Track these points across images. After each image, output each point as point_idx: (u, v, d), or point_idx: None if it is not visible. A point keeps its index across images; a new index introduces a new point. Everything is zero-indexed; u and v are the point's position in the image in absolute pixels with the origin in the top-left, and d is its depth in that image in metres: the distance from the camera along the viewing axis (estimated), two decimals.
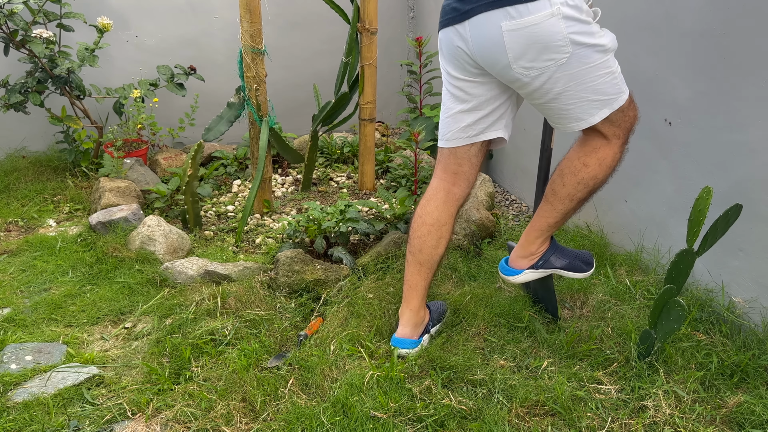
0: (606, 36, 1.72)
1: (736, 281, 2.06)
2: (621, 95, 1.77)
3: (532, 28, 1.63)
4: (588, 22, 1.66)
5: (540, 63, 1.67)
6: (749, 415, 1.69)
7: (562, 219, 1.93)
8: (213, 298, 2.29)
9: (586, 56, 1.67)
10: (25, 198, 3.32)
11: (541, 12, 1.61)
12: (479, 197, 3.08)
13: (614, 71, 1.74)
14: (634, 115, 1.83)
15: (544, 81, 1.70)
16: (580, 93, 1.72)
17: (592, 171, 1.84)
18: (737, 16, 1.92)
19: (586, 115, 1.77)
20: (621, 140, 1.83)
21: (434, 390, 1.81)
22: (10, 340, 2.12)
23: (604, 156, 1.83)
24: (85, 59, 3.29)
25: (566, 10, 1.62)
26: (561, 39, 1.63)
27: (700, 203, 1.63)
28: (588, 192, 1.88)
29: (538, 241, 1.99)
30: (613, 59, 1.74)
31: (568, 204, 1.89)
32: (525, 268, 2.02)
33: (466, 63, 1.80)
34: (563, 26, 1.62)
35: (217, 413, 1.75)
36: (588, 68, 1.69)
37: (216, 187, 3.55)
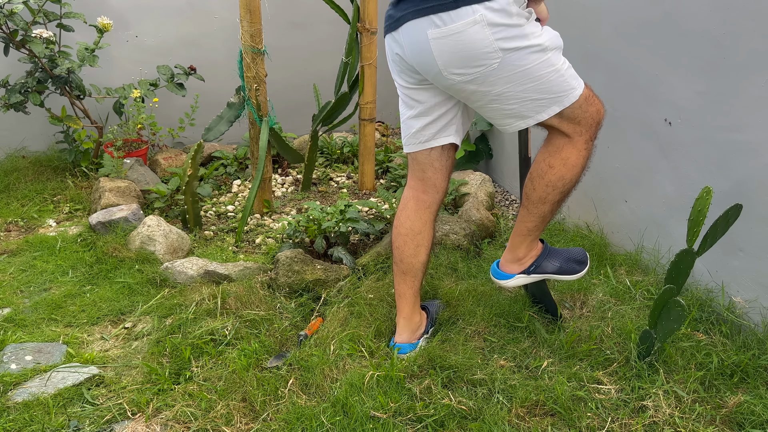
0: (544, 35, 1.67)
1: (736, 281, 2.06)
2: (571, 92, 1.72)
3: (456, 36, 1.59)
4: (518, 25, 1.61)
5: (470, 69, 1.64)
6: (749, 415, 1.69)
7: (540, 222, 1.90)
8: (213, 298, 2.29)
9: (519, 59, 1.63)
10: (25, 198, 3.32)
11: (464, 20, 1.57)
12: (479, 197, 3.08)
13: (558, 69, 1.69)
14: (596, 110, 1.78)
15: (478, 85, 1.67)
16: (521, 93, 1.68)
17: (558, 172, 1.81)
18: (737, 16, 1.92)
19: (532, 113, 1.73)
20: (584, 137, 1.79)
21: (434, 390, 1.81)
22: (10, 340, 2.12)
23: (568, 155, 1.79)
24: (85, 59, 3.29)
25: (491, 16, 1.57)
26: (488, 45, 1.59)
27: (700, 203, 1.63)
28: (559, 193, 1.84)
29: (523, 245, 1.96)
30: (556, 56, 1.69)
31: (542, 207, 1.86)
32: (516, 273, 2.00)
33: (407, 69, 1.78)
34: (488, 33, 1.58)
35: (217, 413, 1.75)
36: (525, 70, 1.64)
37: (216, 187, 3.55)
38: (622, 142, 2.49)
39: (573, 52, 2.69)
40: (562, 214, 2.95)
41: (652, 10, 2.25)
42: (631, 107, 2.42)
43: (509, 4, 1.59)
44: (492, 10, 1.57)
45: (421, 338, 2.05)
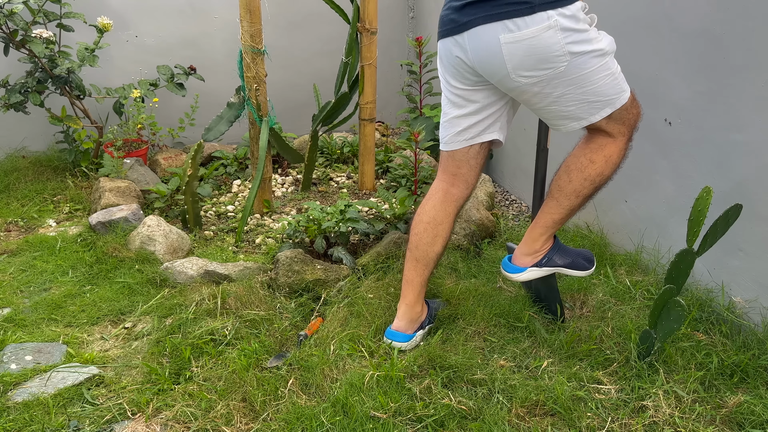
0: (603, 40, 1.74)
1: (736, 281, 2.06)
2: (622, 94, 1.79)
3: (530, 40, 1.66)
4: (585, 30, 1.69)
5: (538, 72, 1.70)
6: (749, 415, 1.69)
7: (567, 215, 1.95)
8: (213, 298, 2.29)
9: (584, 62, 1.70)
10: (25, 198, 3.32)
11: (539, 25, 1.64)
12: (479, 197, 3.08)
13: (614, 72, 1.76)
14: (637, 113, 1.85)
15: (542, 87, 1.73)
16: (580, 96, 1.75)
17: (599, 167, 1.87)
18: (737, 16, 1.92)
19: (586, 115, 1.80)
20: (626, 137, 1.86)
21: (434, 390, 1.81)
22: (10, 340, 2.12)
23: (611, 153, 1.86)
24: (85, 59, 3.29)
25: (563, 22, 1.64)
26: (559, 49, 1.66)
27: (700, 203, 1.63)
28: (594, 188, 1.91)
29: (542, 238, 2.00)
30: (612, 61, 1.76)
31: (574, 200, 1.91)
32: (528, 266, 2.03)
33: (466, 72, 1.83)
34: (561, 37, 1.65)
35: (217, 413, 1.75)
36: (586, 73, 1.71)
37: (216, 187, 3.55)
38: None
39: None
40: None
41: (652, 10, 2.25)
42: None
43: (578, 10, 1.68)
44: (564, 16, 1.64)
45: (417, 331, 2.05)
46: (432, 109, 3.62)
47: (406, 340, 2.02)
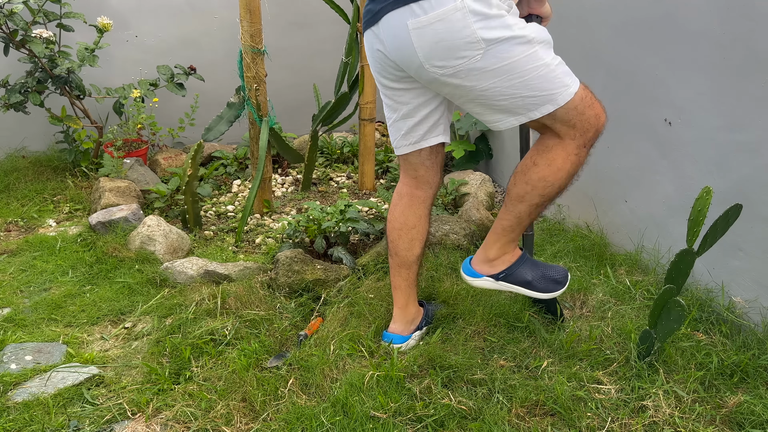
0: (527, 27, 1.59)
1: (736, 281, 2.06)
2: (565, 90, 1.63)
3: (437, 24, 1.53)
4: (500, 15, 1.55)
5: (453, 61, 1.57)
6: (749, 415, 1.69)
7: (515, 223, 1.81)
8: (213, 298, 2.29)
9: (505, 50, 1.56)
10: (25, 198, 3.32)
11: (445, 7, 1.52)
12: (479, 197, 3.08)
13: (548, 64, 1.61)
14: (595, 115, 1.68)
15: (461, 80, 1.60)
16: (509, 90, 1.61)
17: (540, 171, 1.72)
18: (737, 16, 1.92)
19: (522, 111, 1.65)
20: (577, 141, 1.69)
21: (434, 390, 1.81)
22: (10, 340, 2.12)
23: (555, 156, 1.70)
24: (85, 59, 3.29)
25: (472, 5, 1.52)
26: (470, 35, 1.53)
27: (700, 203, 1.63)
28: (539, 196, 1.75)
29: (496, 246, 1.87)
30: (545, 51, 1.61)
31: (519, 206, 1.78)
32: (484, 274, 1.92)
33: (389, 67, 1.73)
34: (471, 21, 1.52)
35: (217, 413, 1.75)
36: (511, 63, 1.57)
37: (216, 187, 3.55)
38: (622, 142, 2.49)
39: (573, 52, 2.70)
40: (562, 214, 2.95)
41: (652, 10, 2.25)
42: (631, 107, 2.42)
43: None
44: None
45: (414, 332, 2.05)
46: None
47: (403, 342, 2.03)
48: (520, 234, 1.87)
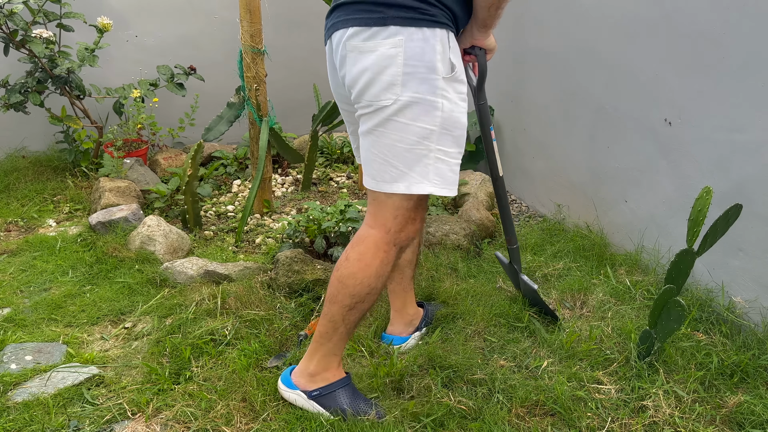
0: (453, 108, 1.50)
1: (736, 281, 2.06)
2: (421, 185, 1.52)
3: (368, 54, 1.47)
4: (433, 76, 1.46)
5: (368, 95, 1.50)
6: (749, 415, 1.69)
7: (330, 328, 1.65)
8: (213, 298, 2.29)
9: (414, 109, 1.47)
10: (25, 198, 3.32)
11: (384, 40, 1.45)
12: (479, 197, 3.08)
13: (431, 150, 1.49)
14: (414, 230, 1.60)
15: (366, 112, 1.53)
16: (382, 148, 1.52)
17: (351, 267, 1.59)
18: (737, 16, 1.92)
19: (380, 174, 1.54)
20: (389, 237, 1.58)
21: (434, 389, 1.81)
22: (10, 340, 2.12)
23: (366, 250, 1.59)
24: (85, 59, 3.29)
25: (410, 47, 1.44)
26: (392, 78, 1.45)
27: (700, 203, 1.63)
28: (349, 296, 1.60)
29: (316, 357, 1.70)
30: (441, 138, 1.50)
31: (331, 307, 1.63)
32: (299, 387, 1.73)
33: (338, 83, 1.67)
34: (401, 61, 1.44)
35: (217, 413, 1.75)
36: (405, 124, 1.48)
37: (216, 187, 3.55)
38: (622, 142, 2.49)
39: (573, 52, 2.70)
40: (562, 214, 2.95)
41: (652, 10, 2.25)
42: (631, 107, 2.42)
43: (444, 44, 1.47)
44: (413, 39, 1.44)
45: (413, 333, 2.06)
46: None
47: (401, 342, 2.03)
48: (341, 344, 1.68)
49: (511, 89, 3.26)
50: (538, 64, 2.97)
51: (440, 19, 1.47)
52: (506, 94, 3.31)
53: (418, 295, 2.31)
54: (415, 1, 1.45)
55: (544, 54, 2.91)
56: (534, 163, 3.15)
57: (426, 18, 1.45)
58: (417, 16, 1.45)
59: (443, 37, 1.48)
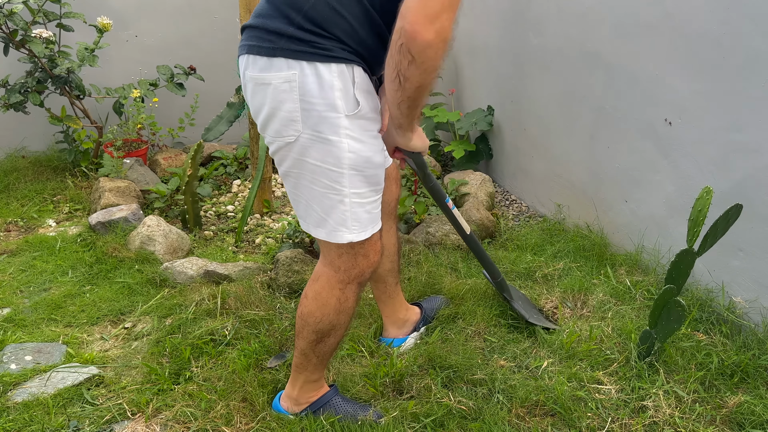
0: (360, 146, 1.40)
1: (737, 281, 2.06)
2: (339, 233, 1.46)
3: (265, 87, 1.39)
4: (332, 108, 1.36)
5: (270, 130, 1.43)
6: (749, 415, 1.69)
7: (302, 359, 1.64)
8: (213, 298, 2.29)
9: (319, 149, 1.39)
10: (24, 198, 3.32)
11: (279, 73, 1.36)
12: (479, 197, 3.08)
13: (345, 194, 1.43)
14: (368, 264, 1.54)
15: (274, 149, 1.47)
16: (302, 190, 1.47)
17: (309, 305, 1.57)
18: (737, 16, 1.92)
19: (306, 218, 1.51)
20: (340, 276, 1.54)
21: (434, 389, 1.81)
22: (10, 340, 2.12)
23: (321, 289, 1.56)
24: (84, 59, 3.29)
25: (305, 82, 1.34)
26: (291, 113, 1.37)
27: (701, 203, 1.63)
28: (312, 332, 1.58)
29: (297, 385, 1.70)
30: (354, 179, 1.42)
31: (299, 341, 1.63)
32: (288, 412, 1.73)
33: None
34: (296, 98, 1.35)
35: (217, 413, 1.75)
36: (314, 166, 1.41)
37: (216, 187, 3.55)
38: (622, 142, 2.49)
39: (573, 52, 2.70)
40: (562, 214, 2.95)
41: (652, 10, 2.25)
42: (631, 107, 2.42)
43: (343, 78, 1.36)
44: (318, 75, 1.34)
45: (411, 333, 2.06)
46: (432, 108, 3.62)
47: (398, 344, 2.03)
48: (318, 371, 1.68)
49: (511, 89, 3.26)
50: (538, 64, 2.97)
51: (336, 54, 1.35)
52: (506, 94, 3.31)
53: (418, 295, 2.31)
54: (306, 33, 1.34)
55: (544, 54, 2.91)
56: (534, 163, 3.15)
57: (318, 52, 1.34)
58: (308, 49, 1.34)
59: (343, 72, 1.36)
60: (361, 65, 1.39)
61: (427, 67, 1.26)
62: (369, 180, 1.46)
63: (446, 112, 3.53)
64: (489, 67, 3.48)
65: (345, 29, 1.35)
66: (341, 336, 1.62)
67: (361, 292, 1.59)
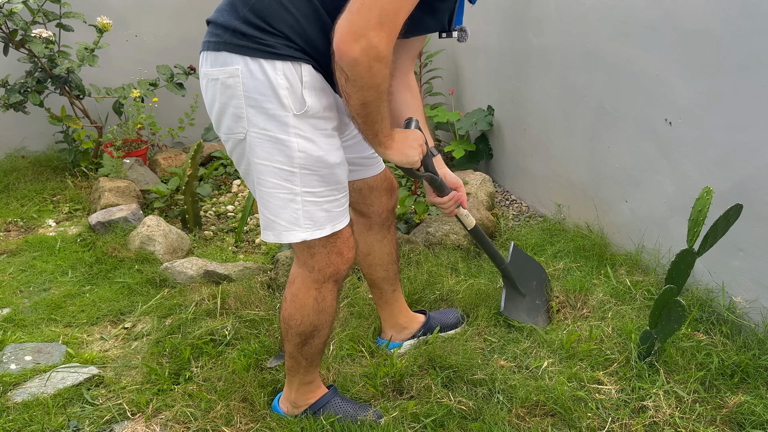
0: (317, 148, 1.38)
1: (737, 281, 2.06)
2: (290, 232, 1.43)
3: (214, 83, 1.38)
4: (281, 112, 1.34)
5: (223, 126, 1.43)
6: (749, 415, 1.69)
7: (293, 363, 1.64)
8: (213, 298, 2.29)
9: (262, 148, 1.37)
10: (24, 198, 3.32)
11: (226, 67, 1.35)
12: (479, 197, 3.08)
13: (296, 193, 1.40)
14: (340, 262, 1.52)
15: (230, 148, 1.45)
16: (261, 189, 1.43)
17: (288, 308, 1.56)
18: (737, 16, 1.92)
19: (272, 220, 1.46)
20: (314, 276, 1.52)
21: (434, 389, 1.81)
22: (10, 340, 2.12)
23: (297, 290, 1.54)
24: (84, 59, 3.29)
25: (248, 78, 1.33)
26: (237, 109, 1.36)
27: (701, 203, 1.63)
28: (296, 335, 1.57)
29: (293, 388, 1.70)
30: (306, 179, 1.40)
31: (287, 345, 1.62)
32: (288, 414, 1.73)
33: None
34: (241, 92, 1.34)
35: (217, 413, 1.75)
36: (261, 165, 1.39)
37: (216, 186, 3.55)
38: (622, 142, 2.49)
39: (573, 52, 2.70)
40: (562, 214, 2.95)
41: (652, 10, 2.25)
42: (631, 107, 2.42)
43: (290, 76, 1.33)
44: (263, 72, 1.33)
45: (408, 340, 2.05)
46: (432, 108, 3.62)
47: (392, 348, 2.03)
48: (311, 373, 1.67)
49: (511, 89, 3.26)
50: (538, 63, 2.97)
51: (281, 51, 1.32)
52: (506, 94, 3.30)
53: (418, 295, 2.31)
54: (251, 28, 1.32)
55: (544, 54, 2.91)
56: (534, 163, 3.15)
57: (262, 48, 1.32)
58: (252, 45, 1.32)
59: (289, 70, 1.33)
60: (311, 63, 1.37)
61: (363, 84, 1.24)
62: (325, 179, 1.43)
63: (446, 112, 3.53)
64: (489, 67, 3.47)
65: (291, 25, 1.33)
66: (326, 336, 1.62)
67: (339, 290, 1.59)
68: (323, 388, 1.74)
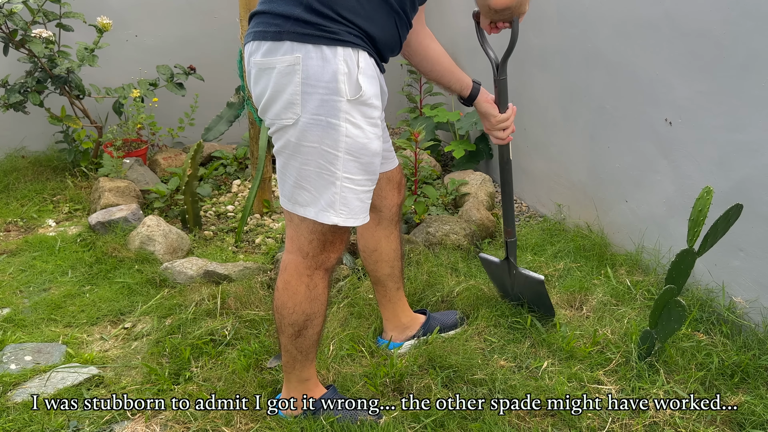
0: (363, 135, 1.43)
1: (737, 281, 2.06)
2: (327, 214, 1.46)
3: (269, 71, 1.41)
4: (335, 92, 1.38)
5: (270, 113, 1.46)
6: (749, 415, 1.69)
7: (290, 359, 1.64)
8: (213, 299, 2.29)
9: (316, 132, 1.41)
10: (24, 198, 3.32)
11: (283, 57, 1.38)
12: (479, 197, 3.08)
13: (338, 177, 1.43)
14: (332, 251, 1.55)
15: (273, 131, 1.50)
16: (291, 171, 1.48)
17: (281, 297, 1.57)
18: (737, 16, 1.92)
19: (292, 198, 1.50)
20: (308, 262, 1.54)
21: (434, 389, 1.81)
22: (10, 340, 2.12)
23: (290, 277, 1.55)
24: (84, 59, 3.29)
25: (309, 65, 1.36)
26: (291, 96, 1.39)
27: (701, 203, 1.63)
28: (288, 325, 1.58)
29: (291, 384, 1.69)
30: (348, 165, 1.44)
31: (281, 337, 1.62)
32: (287, 416, 1.72)
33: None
34: (299, 80, 1.37)
35: (217, 413, 1.75)
36: (311, 147, 1.42)
37: (216, 187, 3.55)
38: (622, 142, 2.49)
39: (573, 52, 2.70)
40: (562, 214, 2.95)
41: (652, 10, 2.25)
42: (631, 107, 2.42)
43: (347, 59, 1.38)
44: (318, 58, 1.37)
45: (408, 340, 2.05)
46: (432, 108, 3.62)
47: (392, 348, 2.02)
48: (307, 369, 1.67)
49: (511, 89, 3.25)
50: (538, 63, 2.97)
51: (343, 37, 1.37)
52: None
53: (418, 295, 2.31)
54: (314, 16, 1.36)
55: (544, 53, 2.91)
56: (534, 163, 3.15)
57: (325, 35, 1.36)
58: (315, 32, 1.36)
59: (348, 56, 1.38)
60: (367, 50, 1.42)
61: None
62: (364, 167, 1.48)
63: (446, 112, 3.53)
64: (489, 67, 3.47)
65: (357, 11, 1.39)
66: (319, 327, 1.62)
67: (329, 279, 1.60)
68: (322, 388, 1.74)
